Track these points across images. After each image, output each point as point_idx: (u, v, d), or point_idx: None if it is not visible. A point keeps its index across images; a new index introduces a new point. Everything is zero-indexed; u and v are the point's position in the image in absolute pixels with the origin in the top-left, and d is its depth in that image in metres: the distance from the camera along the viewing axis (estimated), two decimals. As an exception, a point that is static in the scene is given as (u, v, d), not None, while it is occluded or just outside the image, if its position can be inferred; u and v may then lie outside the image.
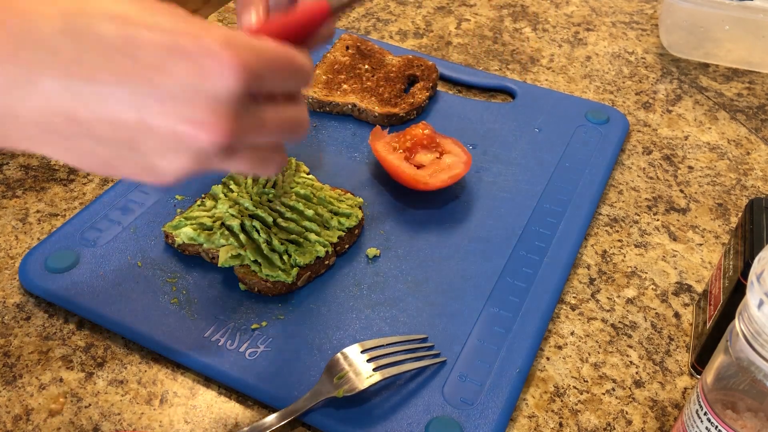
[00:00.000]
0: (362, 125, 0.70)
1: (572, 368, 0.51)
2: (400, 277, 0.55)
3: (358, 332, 0.51)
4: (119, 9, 0.30)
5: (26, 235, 0.59)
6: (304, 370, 0.48)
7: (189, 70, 0.29)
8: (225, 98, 0.30)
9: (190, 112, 0.30)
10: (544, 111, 0.73)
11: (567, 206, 0.62)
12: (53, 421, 0.47)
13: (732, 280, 0.46)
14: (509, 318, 0.52)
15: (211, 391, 0.49)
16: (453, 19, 0.91)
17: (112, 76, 0.29)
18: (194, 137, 0.30)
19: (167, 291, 0.53)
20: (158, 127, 0.30)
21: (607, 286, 0.57)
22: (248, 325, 0.51)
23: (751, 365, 0.36)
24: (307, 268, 0.54)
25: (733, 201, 0.66)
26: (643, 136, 0.73)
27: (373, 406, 0.47)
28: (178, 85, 0.29)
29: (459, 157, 0.62)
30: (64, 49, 0.29)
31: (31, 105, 0.29)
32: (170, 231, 0.56)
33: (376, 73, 0.74)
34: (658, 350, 0.53)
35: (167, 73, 0.29)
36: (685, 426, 0.41)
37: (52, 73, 0.29)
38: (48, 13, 0.29)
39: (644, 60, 0.85)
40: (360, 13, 0.91)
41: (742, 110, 0.77)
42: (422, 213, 0.61)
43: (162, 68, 0.29)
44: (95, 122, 0.30)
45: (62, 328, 0.52)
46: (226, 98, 0.30)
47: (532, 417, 0.48)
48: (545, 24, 0.91)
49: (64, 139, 0.30)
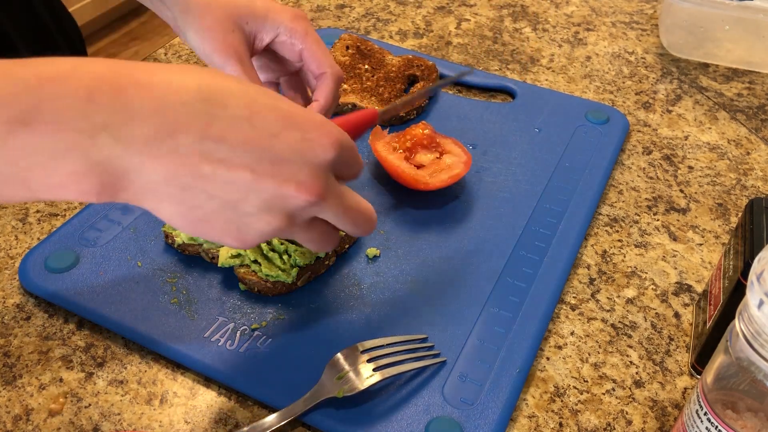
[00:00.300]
0: (362, 125, 0.70)
1: (572, 368, 0.51)
2: (400, 277, 0.55)
3: (358, 332, 0.51)
4: (243, 87, 0.35)
5: (26, 235, 0.59)
6: (304, 370, 0.48)
7: (298, 139, 0.35)
8: (322, 165, 0.36)
9: (295, 173, 0.35)
10: (544, 111, 0.73)
11: (567, 206, 0.62)
12: (53, 421, 0.47)
13: (732, 280, 0.46)
14: (509, 318, 0.52)
15: (211, 391, 0.49)
16: (453, 19, 0.91)
17: (237, 139, 0.34)
18: (294, 195, 0.35)
19: (167, 291, 0.53)
20: (266, 184, 0.34)
21: (607, 286, 0.57)
22: (248, 325, 0.51)
23: (751, 365, 0.36)
24: (307, 268, 0.54)
25: (733, 201, 0.66)
26: (643, 136, 0.73)
27: (373, 406, 0.47)
28: (289, 150, 0.35)
29: (459, 157, 0.62)
30: (201, 113, 0.33)
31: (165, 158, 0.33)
32: (170, 231, 0.56)
33: (376, 73, 0.74)
34: (658, 350, 0.53)
35: (280, 140, 0.35)
36: (685, 426, 0.41)
37: (189, 131, 0.33)
38: (187, 84, 0.34)
39: (644, 60, 0.85)
40: (360, 13, 0.91)
41: (742, 110, 0.77)
42: (422, 213, 0.61)
43: (277, 136, 0.34)
44: (214, 177, 0.34)
45: (62, 328, 0.52)
46: (323, 165, 0.36)
47: (532, 417, 0.48)
48: (545, 24, 0.91)
49: (182, 191, 0.34)
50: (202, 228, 0.36)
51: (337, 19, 0.90)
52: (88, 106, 0.32)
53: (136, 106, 0.32)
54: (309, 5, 0.92)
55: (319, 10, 0.91)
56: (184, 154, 0.33)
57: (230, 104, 0.34)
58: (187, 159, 0.33)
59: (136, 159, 0.33)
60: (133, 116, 0.32)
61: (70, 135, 0.32)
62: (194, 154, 0.33)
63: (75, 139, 0.32)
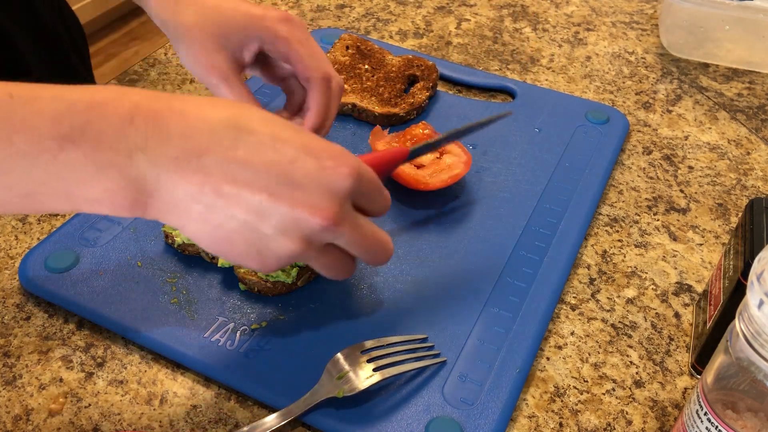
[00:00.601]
0: (362, 125, 0.70)
1: (572, 368, 0.51)
2: (400, 277, 0.55)
3: (358, 332, 0.51)
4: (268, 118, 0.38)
5: (26, 235, 0.59)
6: (304, 370, 0.48)
7: (316, 166, 0.37)
8: (338, 192, 0.37)
9: (310, 198, 0.36)
10: (544, 111, 0.73)
11: (567, 206, 0.62)
12: (53, 421, 0.47)
13: (732, 280, 0.46)
14: (509, 318, 0.52)
15: (211, 391, 0.49)
16: (453, 19, 0.91)
17: (259, 162, 0.36)
18: (307, 218, 0.36)
19: (167, 291, 0.53)
20: (281, 206, 0.36)
21: (607, 286, 0.57)
22: (248, 325, 0.51)
23: (751, 365, 0.36)
24: (307, 268, 0.54)
25: (733, 201, 0.66)
26: (643, 136, 0.73)
27: (373, 406, 0.47)
28: (306, 176, 0.36)
29: (459, 157, 0.62)
30: (227, 138, 0.36)
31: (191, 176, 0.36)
32: (170, 231, 0.56)
33: (376, 73, 0.74)
34: (658, 350, 0.53)
35: (299, 166, 0.36)
36: (685, 426, 0.41)
37: (215, 152, 0.36)
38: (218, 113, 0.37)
39: (644, 60, 0.85)
40: (360, 13, 0.91)
41: (742, 110, 0.77)
42: (422, 213, 0.61)
43: (296, 162, 0.37)
44: (235, 197, 0.36)
45: (62, 328, 0.52)
46: (339, 192, 0.37)
47: (532, 417, 0.48)
48: (545, 24, 0.91)
49: (206, 209, 0.36)
50: (225, 248, 0.38)
51: (337, 19, 0.90)
52: (128, 128, 0.35)
53: (170, 131, 0.36)
54: (309, 5, 0.92)
55: (319, 10, 0.91)
56: (209, 173, 0.36)
57: (256, 131, 0.37)
58: (211, 178, 0.36)
59: (164, 176, 0.36)
60: (167, 139, 0.35)
61: (111, 154, 0.35)
62: (218, 173, 0.36)
63: (114, 158, 0.35)
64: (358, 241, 0.40)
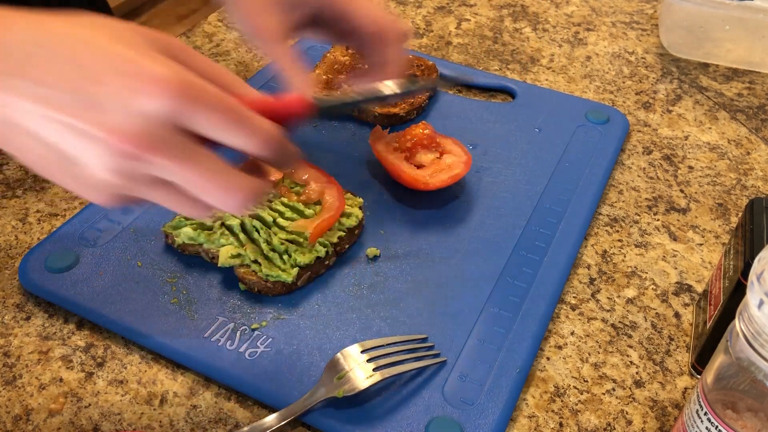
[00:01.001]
0: (362, 125, 0.70)
1: (572, 368, 0.51)
2: (400, 277, 0.55)
3: (358, 332, 0.51)
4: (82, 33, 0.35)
5: (26, 235, 0.59)
6: (304, 370, 0.48)
7: (122, 86, 0.33)
8: (147, 113, 0.33)
9: (109, 119, 0.33)
10: (544, 111, 0.73)
11: (567, 206, 0.62)
12: (53, 421, 0.47)
13: (732, 280, 0.46)
14: (509, 318, 0.52)
15: (211, 391, 0.49)
16: (453, 19, 0.91)
17: (56, 80, 0.33)
18: (105, 142, 0.33)
19: (167, 291, 0.53)
20: (78, 128, 0.33)
21: (607, 286, 0.57)
22: (248, 325, 0.51)
23: (751, 365, 0.36)
24: (307, 268, 0.54)
25: (733, 201, 0.66)
26: (643, 136, 0.73)
27: (373, 406, 0.47)
28: (109, 95, 0.33)
29: (459, 157, 0.62)
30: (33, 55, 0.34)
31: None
32: (170, 231, 0.56)
33: (376, 73, 0.74)
34: (658, 350, 0.53)
35: (104, 86, 0.33)
36: (686, 426, 0.41)
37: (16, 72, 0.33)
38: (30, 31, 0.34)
39: (644, 60, 0.85)
40: (360, 13, 0.91)
41: (742, 110, 0.77)
42: (422, 213, 0.61)
43: (101, 80, 0.33)
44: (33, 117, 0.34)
45: (62, 328, 0.52)
46: (149, 114, 0.33)
47: (532, 417, 0.48)
48: (545, 24, 0.91)
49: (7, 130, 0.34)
50: (43, 171, 0.36)
51: None
52: None
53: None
54: (309, 5, 0.92)
55: (319, 10, 0.91)
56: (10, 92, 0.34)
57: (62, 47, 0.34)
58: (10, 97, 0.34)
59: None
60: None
61: None
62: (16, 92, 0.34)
63: None
64: (188, 176, 0.35)
